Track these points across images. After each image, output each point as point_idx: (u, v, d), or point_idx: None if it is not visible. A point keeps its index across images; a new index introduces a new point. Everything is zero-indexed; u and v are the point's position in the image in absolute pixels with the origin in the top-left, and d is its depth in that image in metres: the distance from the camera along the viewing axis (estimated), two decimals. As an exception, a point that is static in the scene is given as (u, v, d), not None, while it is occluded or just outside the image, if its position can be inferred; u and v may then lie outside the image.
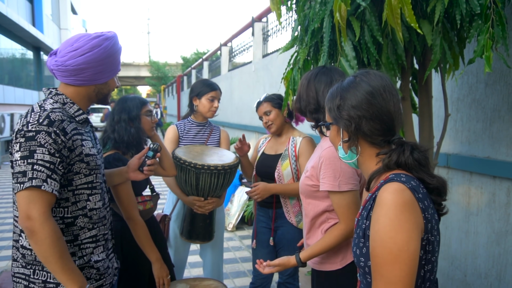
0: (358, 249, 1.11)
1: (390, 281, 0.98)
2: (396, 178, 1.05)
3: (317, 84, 1.70)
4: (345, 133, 1.16)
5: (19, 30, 12.96)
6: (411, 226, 0.99)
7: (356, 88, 1.14)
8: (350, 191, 1.59)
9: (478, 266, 2.82)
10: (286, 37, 7.03)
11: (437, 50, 1.74)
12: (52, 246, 1.26)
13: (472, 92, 2.85)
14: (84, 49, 1.39)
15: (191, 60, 30.67)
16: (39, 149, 1.28)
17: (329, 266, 1.70)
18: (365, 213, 1.10)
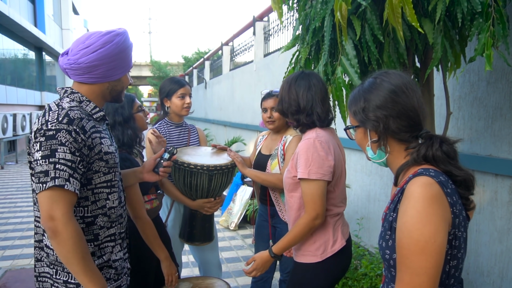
0: (384, 242, 1.12)
1: (416, 272, 0.99)
2: (425, 172, 1.07)
3: (297, 87, 1.80)
4: (374, 133, 1.18)
5: (21, 31, 12.99)
6: (439, 219, 1.01)
7: (379, 88, 1.16)
8: (317, 181, 1.67)
9: (481, 264, 2.82)
10: (287, 36, 7.03)
11: (438, 48, 1.75)
12: (74, 247, 1.25)
13: (474, 90, 2.85)
14: (96, 45, 1.37)
15: (192, 60, 30.68)
16: (60, 147, 1.26)
17: (309, 259, 1.77)
18: (392, 206, 1.12)
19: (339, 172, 1.79)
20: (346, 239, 1.81)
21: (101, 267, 1.43)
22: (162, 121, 2.64)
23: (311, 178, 1.66)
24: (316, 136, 1.73)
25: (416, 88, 1.18)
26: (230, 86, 11.02)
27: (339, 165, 1.78)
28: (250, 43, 9.46)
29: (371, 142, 1.18)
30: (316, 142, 1.71)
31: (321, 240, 1.75)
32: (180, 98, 2.54)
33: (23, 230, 5.14)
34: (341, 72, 1.86)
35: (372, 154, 1.20)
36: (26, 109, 13.50)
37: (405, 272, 1.01)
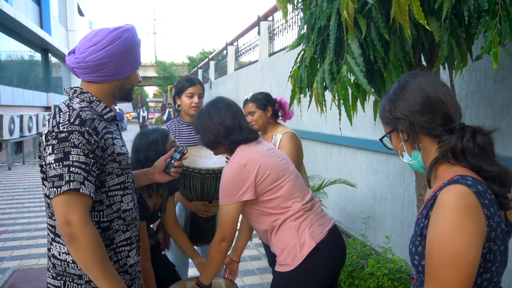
0: (414, 247, 1.09)
1: (445, 285, 0.96)
2: (461, 180, 1.01)
3: (217, 111, 1.79)
4: (404, 133, 1.14)
5: (27, 33, 13.08)
6: (473, 232, 0.96)
7: (401, 88, 1.14)
8: (227, 206, 1.69)
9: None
10: (292, 35, 7.02)
11: (445, 46, 1.74)
12: (93, 251, 1.20)
13: (481, 89, 2.83)
14: (104, 42, 1.33)
15: (197, 60, 30.74)
16: (73, 150, 1.21)
17: (284, 268, 1.69)
18: (425, 212, 1.07)
19: (274, 178, 1.70)
20: (319, 240, 1.67)
21: (118, 273, 1.38)
22: (174, 120, 2.62)
23: (223, 204, 1.70)
24: (238, 158, 1.71)
25: (441, 83, 1.13)
26: (235, 85, 11.03)
27: (269, 172, 1.70)
28: (255, 42, 9.47)
29: (404, 142, 1.14)
30: (234, 165, 1.69)
31: (288, 248, 1.67)
32: (188, 97, 2.52)
33: (30, 230, 5.17)
34: (347, 70, 1.86)
35: (408, 158, 1.15)
36: (33, 111, 13.59)
37: (434, 283, 0.98)
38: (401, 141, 1.15)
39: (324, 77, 1.93)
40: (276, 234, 1.71)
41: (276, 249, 1.73)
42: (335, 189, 4.93)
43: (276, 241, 1.71)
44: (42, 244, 4.65)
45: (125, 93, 1.47)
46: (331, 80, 1.91)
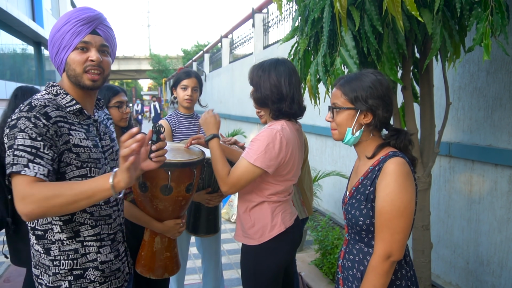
0: (358, 211, 1.39)
1: (396, 231, 1.29)
2: (396, 154, 1.36)
3: (278, 74, 1.74)
4: (368, 118, 1.39)
5: (19, 25, 12.92)
6: (412, 189, 1.32)
7: (380, 83, 1.38)
8: (257, 168, 1.69)
9: (480, 254, 2.84)
10: (286, 28, 7.00)
11: (437, 38, 1.74)
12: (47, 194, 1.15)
13: (474, 81, 2.85)
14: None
15: (191, 53, 30.55)
16: (19, 134, 1.21)
17: (249, 241, 1.84)
18: (368, 182, 1.38)
19: (289, 169, 1.79)
20: (288, 226, 1.84)
21: (86, 268, 1.38)
22: (173, 113, 2.65)
23: (254, 164, 1.68)
24: (281, 129, 1.71)
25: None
26: (230, 78, 11.00)
27: (291, 162, 1.78)
28: (250, 35, 9.43)
29: (359, 124, 1.40)
30: (278, 135, 1.69)
31: (259, 225, 1.81)
32: (182, 89, 2.54)
33: (25, 224, 5.16)
34: (340, 63, 1.86)
35: (350, 134, 1.41)
36: (26, 104, 13.47)
37: (387, 232, 1.30)
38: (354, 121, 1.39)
39: (318, 69, 1.93)
40: (251, 209, 1.84)
41: (245, 222, 1.85)
42: (330, 181, 4.96)
43: (249, 215, 1.84)
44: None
45: (74, 80, 1.36)
46: (324, 72, 1.92)
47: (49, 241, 1.34)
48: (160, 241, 1.84)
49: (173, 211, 1.78)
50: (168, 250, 1.86)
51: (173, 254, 1.89)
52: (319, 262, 3.22)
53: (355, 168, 1.53)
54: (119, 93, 2.09)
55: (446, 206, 3.15)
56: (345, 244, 1.52)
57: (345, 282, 1.48)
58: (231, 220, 5.20)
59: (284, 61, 1.81)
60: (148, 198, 1.73)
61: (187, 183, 1.74)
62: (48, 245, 1.34)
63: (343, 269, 1.50)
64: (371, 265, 1.34)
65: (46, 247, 1.34)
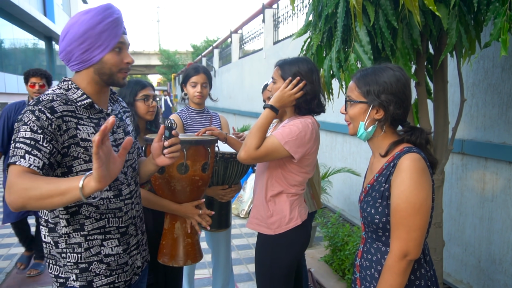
0: (374, 209, 1.36)
1: (412, 229, 1.26)
2: (411, 150, 1.32)
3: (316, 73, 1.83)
4: (380, 113, 1.36)
5: (31, 20, 13.05)
6: (428, 186, 1.28)
7: (396, 78, 1.35)
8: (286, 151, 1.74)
9: (493, 252, 2.81)
10: (297, 23, 6.97)
11: (453, 34, 1.72)
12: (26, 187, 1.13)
13: (488, 77, 2.81)
14: (64, 31, 1.33)
15: (201, 48, 30.59)
16: (22, 127, 1.24)
17: (264, 230, 1.90)
18: (383, 178, 1.35)
19: (310, 162, 1.87)
20: (303, 219, 1.92)
21: (91, 261, 1.38)
22: (184, 108, 2.66)
23: (283, 145, 1.73)
24: (312, 122, 1.81)
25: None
26: (240, 74, 10.99)
27: (314, 155, 1.87)
28: (260, 30, 9.40)
29: (372, 119, 1.37)
30: (310, 126, 1.78)
31: (278, 216, 1.87)
32: (192, 86, 2.55)
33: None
34: (355, 58, 1.84)
35: (363, 129, 1.39)
36: (38, 99, 13.61)
37: (403, 230, 1.27)
38: (366, 116, 1.37)
39: (331, 65, 1.92)
40: (271, 199, 1.89)
41: (264, 210, 1.90)
42: (339, 178, 4.94)
43: (268, 205, 1.89)
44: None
45: (106, 78, 1.39)
46: (338, 68, 1.90)
47: (58, 234, 1.36)
48: (180, 227, 1.86)
49: (191, 192, 1.80)
50: (189, 237, 1.87)
51: (194, 241, 1.90)
52: (329, 259, 3.22)
53: (370, 165, 1.50)
54: (146, 87, 2.11)
55: (458, 203, 3.12)
56: (362, 243, 1.50)
57: (362, 282, 1.45)
58: (240, 215, 5.22)
59: (308, 59, 1.87)
60: (166, 180, 1.76)
61: (202, 162, 1.76)
62: (56, 238, 1.36)
63: (360, 268, 1.47)
64: (387, 264, 1.31)
65: (55, 240, 1.36)
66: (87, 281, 1.39)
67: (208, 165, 1.79)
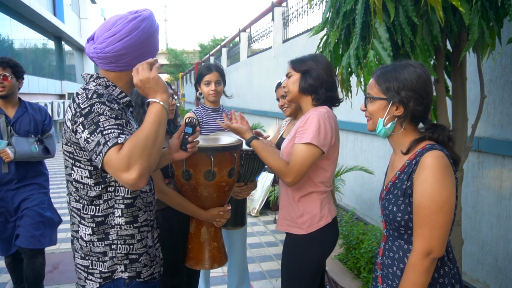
0: (396, 207, 1.36)
1: (435, 227, 1.25)
2: (434, 147, 1.31)
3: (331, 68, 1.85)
4: (400, 110, 1.36)
5: (41, 20, 13.14)
6: (452, 183, 1.27)
7: (416, 74, 1.34)
8: (316, 148, 1.72)
9: (510, 251, 2.78)
10: (307, 21, 6.93)
11: (475, 29, 1.70)
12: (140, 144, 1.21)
13: (506, 74, 2.77)
14: (122, 33, 1.32)
15: (208, 47, 30.63)
16: (101, 117, 1.24)
17: (295, 230, 1.87)
18: (405, 176, 1.34)
19: (336, 153, 1.89)
20: (333, 216, 1.92)
21: (141, 253, 1.43)
22: (199, 106, 2.66)
23: (312, 143, 1.71)
24: (327, 111, 1.80)
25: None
26: (248, 73, 10.98)
27: (337, 145, 1.87)
28: (269, 29, 9.38)
29: (392, 115, 1.37)
30: (326, 116, 1.77)
31: (309, 215, 1.85)
32: (206, 85, 2.56)
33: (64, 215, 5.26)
34: (374, 55, 1.83)
35: (381, 125, 1.38)
36: (47, 98, 13.73)
37: (426, 228, 1.26)
38: (386, 112, 1.37)
39: (350, 62, 1.90)
40: (300, 199, 1.87)
41: (294, 211, 1.88)
42: (351, 176, 4.92)
43: (297, 205, 1.87)
44: (62, 229, 4.72)
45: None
46: (357, 65, 1.89)
47: (109, 226, 1.37)
48: (206, 231, 1.87)
49: (218, 198, 1.81)
50: (215, 240, 1.89)
51: (220, 244, 1.93)
52: (343, 257, 3.20)
53: (391, 163, 1.49)
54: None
55: (474, 202, 3.09)
56: (383, 241, 1.49)
57: (384, 280, 1.45)
58: (251, 214, 5.21)
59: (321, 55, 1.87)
60: (192, 186, 1.77)
61: (229, 168, 1.78)
62: (108, 229, 1.37)
63: (382, 266, 1.46)
64: (410, 262, 1.30)
65: (106, 232, 1.37)
66: (136, 272, 1.42)
67: (234, 170, 1.81)
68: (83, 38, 19.77)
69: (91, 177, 1.34)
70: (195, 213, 1.85)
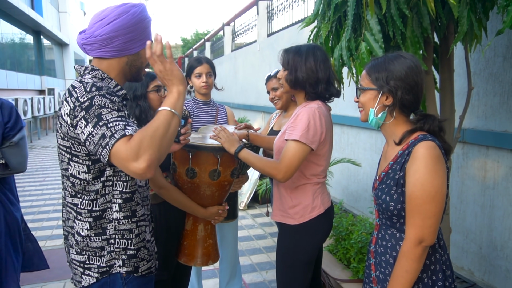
0: (388, 196, 1.39)
1: (427, 216, 1.28)
2: (426, 138, 1.33)
3: (315, 58, 1.81)
4: (390, 99, 1.38)
5: (18, 14, 12.80)
6: (443, 173, 1.29)
7: (403, 64, 1.36)
8: (305, 146, 1.73)
9: (494, 239, 2.86)
10: (292, 15, 6.93)
11: (464, 22, 1.73)
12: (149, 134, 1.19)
13: (489, 66, 2.84)
14: (111, 16, 1.32)
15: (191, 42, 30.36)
16: (103, 110, 1.22)
17: (288, 220, 1.90)
18: (398, 166, 1.37)
19: (327, 147, 1.88)
20: (327, 207, 1.92)
21: (138, 248, 1.42)
22: (190, 100, 2.65)
23: (301, 141, 1.72)
24: (318, 107, 1.79)
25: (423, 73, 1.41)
26: (233, 67, 10.94)
27: (328, 140, 1.86)
28: (253, 22, 9.35)
29: (382, 105, 1.39)
30: (317, 112, 1.77)
31: (300, 206, 1.87)
32: (197, 77, 2.54)
33: (34, 213, 5.18)
34: (365, 47, 1.85)
35: (373, 115, 1.41)
36: (27, 94, 13.42)
37: (418, 217, 1.29)
38: (376, 102, 1.40)
39: (342, 54, 1.92)
40: (293, 191, 1.89)
41: (285, 202, 1.90)
42: (338, 168, 4.97)
43: (290, 197, 1.89)
44: (48, 226, 4.66)
45: (135, 71, 1.46)
46: (349, 57, 1.90)
47: (107, 220, 1.36)
48: (203, 228, 1.88)
49: (219, 197, 1.82)
50: (210, 237, 1.90)
51: (214, 241, 1.94)
52: (333, 248, 3.24)
53: (384, 153, 1.52)
54: (155, 78, 2.06)
55: (458, 192, 3.17)
56: (376, 229, 1.53)
57: (377, 267, 1.48)
58: (240, 207, 5.23)
59: (319, 47, 1.86)
60: (196, 184, 1.77)
61: (232, 167, 1.79)
62: (105, 224, 1.36)
63: (375, 254, 1.49)
64: (402, 250, 1.33)
65: (103, 227, 1.36)
66: (134, 267, 1.42)
67: (237, 170, 1.82)
68: (62, 32, 19.32)
69: (89, 172, 1.32)
70: (195, 211, 1.85)
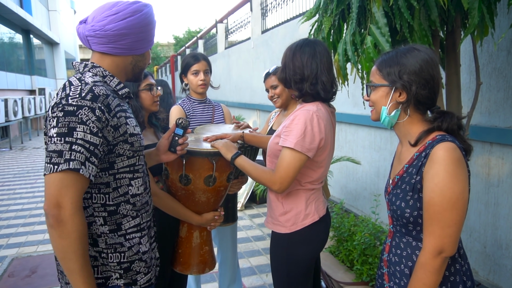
0: (404, 202, 1.28)
1: (447, 224, 1.17)
2: (445, 138, 1.22)
3: (302, 54, 1.67)
4: (403, 96, 1.27)
5: (7, 12, 12.56)
6: (464, 178, 1.18)
7: (417, 56, 1.25)
8: (302, 154, 1.59)
9: (499, 237, 2.79)
10: (286, 11, 6.83)
11: (475, 14, 1.64)
12: (77, 241, 1.11)
13: (493, 61, 2.76)
14: (126, 13, 1.26)
15: (183, 40, 30.17)
16: (80, 126, 1.12)
17: (278, 228, 1.76)
18: (414, 170, 1.26)
19: (327, 153, 1.73)
20: (322, 215, 1.77)
21: (132, 260, 1.33)
22: (185, 98, 2.54)
23: (296, 150, 1.58)
24: (316, 110, 1.64)
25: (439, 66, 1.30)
26: (226, 64, 10.82)
27: (328, 145, 1.72)
28: (247, 19, 9.24)
29: (395, 102, 1.28)
30: (315, 116, 1.62)
31: (292, 213, 1.73)
32: (194, 75, 2.43)
33: (25, 217, 5.05)
34: (371, 41, 1.76)
35: (385, 113, 1.30)
36: (17, 94, 13.20)
37: (437, 225, 1.18)
38: (389, 99, 1.29)
39: (346, 48, 1.83)
40: (284, 196, 1.75)
41: (276, 209, 1.77)
42: (336, 167, 4.89)
43: (281, 203, 1.75)
44: (39, 230, 4.53)
45: (138, 71, 1.40)
46: (353, 51, 1.81)
47: (95, 234, 1.27)
48: (198, 235, 1.78)
49: (214, 202, 1.72)
50: (206, 244, 1.81)
51: (211, 248, 1.85)
52: (335, 249, 3.16)
53: (398, 154, 1.40)
54: (147, 76, 1.97)
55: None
56: (390, 237, 1.41)
57: (391, 277, 1.38)
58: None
59: (314, 41, 1.71)
60: (191, 191, 1.68)
61: (228, 172, 1.70)
62: (95, 236, 1.27)
63: (389, 264, 1.39)
64: (420, 261, 1.22)
65: (93, 238, 1.27)
66: (132, 280, 1.34)
67: (233, 174, 1.73)
68: (52, 31, 19.05)
69: None
70: (189, 218, 1.75)
